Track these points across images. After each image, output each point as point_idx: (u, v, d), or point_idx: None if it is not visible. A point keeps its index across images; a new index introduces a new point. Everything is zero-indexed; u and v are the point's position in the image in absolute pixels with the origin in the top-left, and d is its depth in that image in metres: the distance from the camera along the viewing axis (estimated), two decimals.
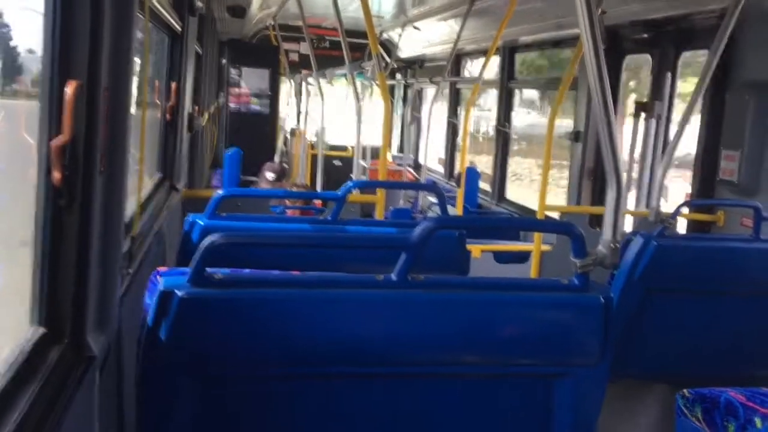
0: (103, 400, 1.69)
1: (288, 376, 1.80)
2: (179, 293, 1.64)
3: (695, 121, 4.39)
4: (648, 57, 5.20)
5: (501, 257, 5.12)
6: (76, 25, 1.43)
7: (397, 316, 1.79)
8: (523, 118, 8.07)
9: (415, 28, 8.59)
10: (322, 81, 7.71)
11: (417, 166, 10.72)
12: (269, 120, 11.69)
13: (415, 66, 11.26)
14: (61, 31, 1.43)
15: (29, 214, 1.49)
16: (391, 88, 12.03)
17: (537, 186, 6.16)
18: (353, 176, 5.77)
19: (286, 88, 11.91)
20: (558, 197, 6.42)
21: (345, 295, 1.76)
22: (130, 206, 2.37)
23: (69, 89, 1.40)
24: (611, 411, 2.75)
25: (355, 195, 4.73)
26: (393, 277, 1.78)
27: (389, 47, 10.34)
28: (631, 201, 5.16)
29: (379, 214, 4.59)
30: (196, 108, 5.88)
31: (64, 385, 1.40)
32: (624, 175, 1.99)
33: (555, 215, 5.26)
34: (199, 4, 4.83)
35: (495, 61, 7.59)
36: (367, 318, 1.77)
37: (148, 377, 1.70)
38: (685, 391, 2.45)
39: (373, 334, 1.78)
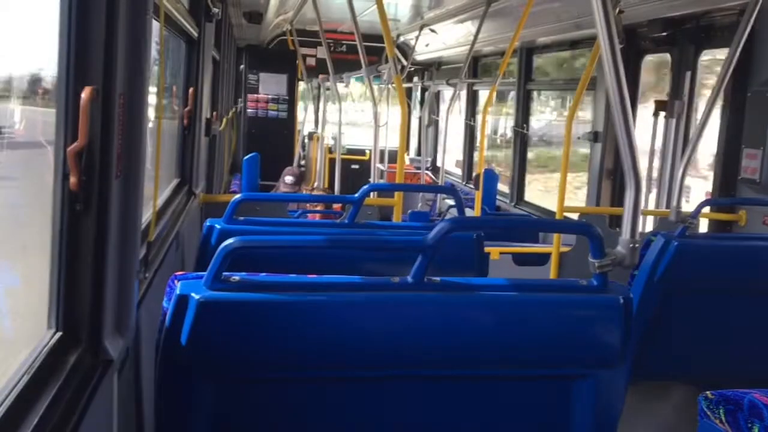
0: (121, 404, 1.70)
1: (305, 379, 1.80)
2: (196, 297, 1.64)
3: (716, 119, 4.34)
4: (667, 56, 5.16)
5: (520, 259, 5.09)
6: (91, 30, 1.44)
7: (414, 318, 1.78)
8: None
9: (432, 30, 8.57)
10: (340, 85, 7.73)
11: (435, 169, 10.70)
12: (287, 125, 11.74)
13: (432, 68, 11.25)
14: (76, 37, 1.44)
15: None
16: (408, 91, 12.03)
17: None
18: (371, 179, 5.77)
19: (304, 92, 11.97)
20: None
21: (361, 297, 1.76)
22: (148, 211, 2.39)
23: (84, 95, 1.41)
24: (633, 412, 2.72)
25: (373, 198, 4.73)
26: (409, 279, 1.78)
27: (405, 50, 10.34)
28: (653, 201, 5.12)
29: (396, 217, 4.59)
30: (214, 113, 5.92)
31: (81, 388, 1.41)
32: (644, 175, 1.97)
33: (574, 217, 5.22)
34: (216, 10, 4.86)
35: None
36: (384, 320, 1.77)
37: (166, 380, 1.71)
38: (708, 392, 2.42)
39: (390, 337, 1.77)
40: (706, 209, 4.15)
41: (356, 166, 10.61)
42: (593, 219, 4.78)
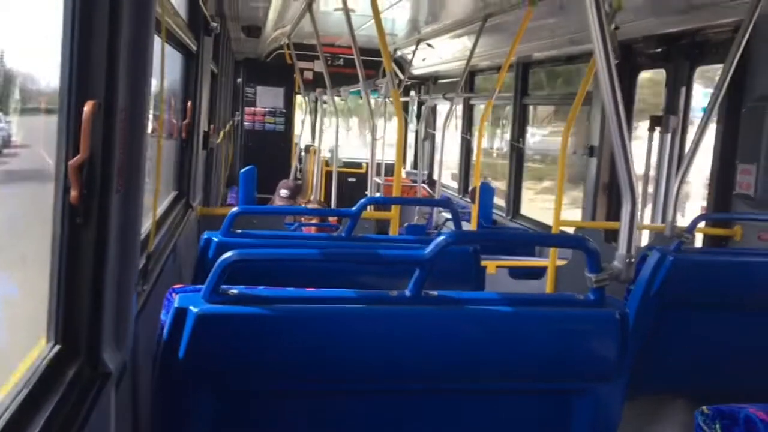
0: (119, 417, 1.70)
1: (302, 393, 1.80)
2: (194, 310, 1.65)
3: (710, 134, 4.37)
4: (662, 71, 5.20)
5: (516, 273, 5.09)
6: (93, 45, 1.45)
7: (412, 332, 1.79)
8: None
9: (429, 45, 8.63)
10: (336, 99, 7.76)
11: (431, 183, 10.72)
12: (284, 138, 11.76)
13: (429, 83, 11.30)
14: (78, 52, 1.45)
15: None
16: (405, 105, 12.07)
17: None
18: (367, 193, 5.78)
19: (301, 106, 12.01)
20: None
21: (359, 311, 1.77)
22: (146, 224, 2.39)
23: (87, 109, 1.42)
24: (629, 427, 2.72)
25: (370, 211, 4.74)
26: (407, 293, 1.78)
27: (402, 64, 10.39)
28: (648, 216, 5.14)
29: (393, 231, 4.59)
30: (212, 126, 5.93)
31: (80, 402, 1.41)
32: (639, 190, 1.98)
33: (570, 231, 5.24)
34: (214, 24, 4.89)
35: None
36: (381, 334, 1.77)
37: (163, 393, 1.71)
38: (704, 407, 2.42)
39: (388, 351, 1.78)
40: (702, 224, 4.17)
41: (353, 179, 10.63)
42: (589, 233, 4.80)
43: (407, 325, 1.78)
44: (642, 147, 5.01)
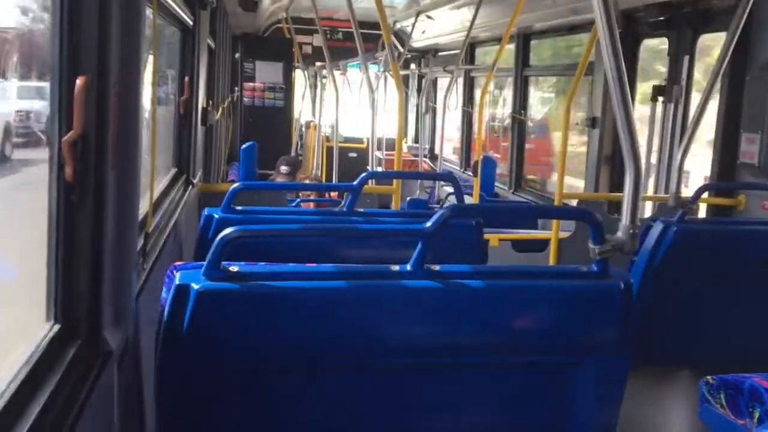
0: (121, 395, 1.69)
1: (305, 368, 1.79)
2: (195, 287, 1.64)
3: (714, 104, 4.33)
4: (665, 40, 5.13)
5: (519, 246, 5.08)
6: (84, 19, 1.42)
7: (413, 307, 1.78)
8: None
9: (428, 17, 8.53)
10: (336, 72, 7.70)
11: (433, 156, 10.68)
12: (284, 113, 11.69)
13: (429, 55, 11.20)
14: (69, 26, 1.42)
15: None
16: (405, 78, 11.97)
17: None
18: (369, 167, 5.75)
19: (300, 80, 11.92)
20: None
21: (360, 286, 1.75)
22: (145, 201, 2.37)
23: (78, 83, 1.40)
24: (634, 398, 2.72)
25: (371, 186, 4.72)
26: (408, 267, 1.77)
27: (402, 37, 10.29)
28: (651, 186, 5.11)
29: (395, 205, 4.57)
30: (210, 102, 5.89)
31: (81, 380, 1.40)
32: (643, 161, 1.96)
33: (573, 203, 5.22)
34: None
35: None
36: (383, 309, 1.76)
37: (166, 371, 1.70)
38: (708, 377, 2.42)
39: (390, 325, 1.77)
40: (705, 194, 4.15)
41: (354, 155, 10.59)
42: (592, 205, 4.78)
43: (409, 299, 1.77)
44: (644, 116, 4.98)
